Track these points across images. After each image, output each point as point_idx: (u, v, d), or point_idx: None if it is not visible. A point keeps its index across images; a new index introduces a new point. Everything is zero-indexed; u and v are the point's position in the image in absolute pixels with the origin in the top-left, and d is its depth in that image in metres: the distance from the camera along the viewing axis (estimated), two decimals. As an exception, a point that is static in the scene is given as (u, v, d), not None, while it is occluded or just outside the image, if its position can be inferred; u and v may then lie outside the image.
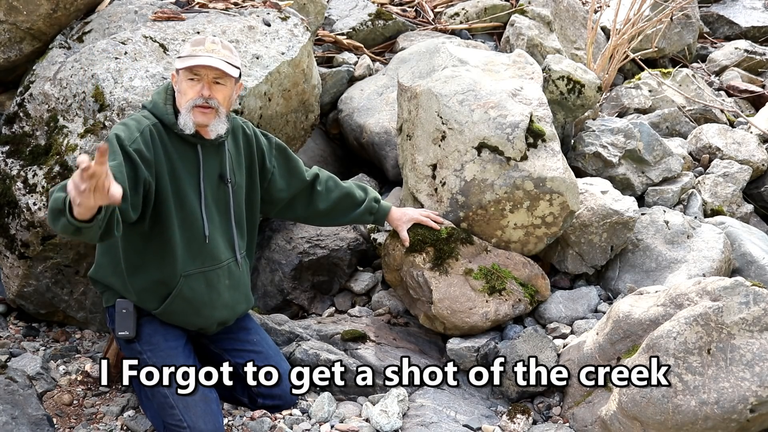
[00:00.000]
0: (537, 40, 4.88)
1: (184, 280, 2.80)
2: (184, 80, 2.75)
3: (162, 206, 2.73)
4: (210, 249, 2.84)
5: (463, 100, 3.54)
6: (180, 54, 2.78)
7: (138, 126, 2.71)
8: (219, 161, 2.87)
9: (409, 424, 3.04)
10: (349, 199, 3.31)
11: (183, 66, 2.74)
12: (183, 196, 2.78)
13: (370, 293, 3.79)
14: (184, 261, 2.79)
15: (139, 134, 2.67)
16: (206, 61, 2.72)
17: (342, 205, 3.30)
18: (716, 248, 3.66)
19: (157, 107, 2.79)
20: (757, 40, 6.45)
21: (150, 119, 2.76)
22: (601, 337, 3.10)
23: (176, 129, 2.76)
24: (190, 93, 2.74)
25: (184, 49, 2.77)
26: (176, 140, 2.78)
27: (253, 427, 3.04)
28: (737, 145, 4.56)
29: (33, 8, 3.65)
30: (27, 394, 2.90)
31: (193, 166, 2.81)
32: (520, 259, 3.53)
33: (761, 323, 2.74)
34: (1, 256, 3.54)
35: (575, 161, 4.18)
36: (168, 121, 2.76)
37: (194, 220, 2.81)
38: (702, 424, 2.66)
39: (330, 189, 3.28)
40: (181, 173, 2.77)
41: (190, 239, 2.80)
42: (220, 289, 2.89)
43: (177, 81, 2.79)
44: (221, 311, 2.92)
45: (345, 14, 5.26)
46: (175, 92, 2.81)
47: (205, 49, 2.74)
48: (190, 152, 2.80)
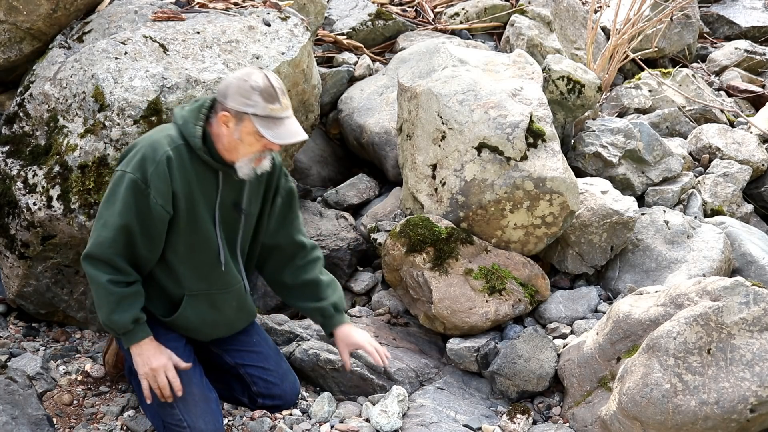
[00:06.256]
0: (537, 40, 4.88)
1: (188, 299, 2.81)
2: (251, 134, 2.62)
3: (173, 227, 2.71)
4: (222, 274, 2.84)
5: (463, 100, 3.54)
6: (249, 102, 2.59)
7: (153, 157, 2.62)
8: (238, 189, 2.80)
9: (409, 424, 3.04)
10: (314, 290, 3.03)
11: (266, 135, 2.60)
12: (197, 219, 2.73)
13: (370, 293, 3.79)
14: (190, 281, 2.78)
15: (157, 179, 2.61)
16: (294, 138, 2.63)
17: (304, 291, 3.03)
18: (716, 248, 3.66)
19: (187, 127, 2.69)
20: (757, 40, 6.45)
21: (173, 142, 2.67)
22: (601, 337, 3.10)
23: (200, 153, 2.68)
24: (256, 146, 2.64)
25: (254, 100, 2.59)
26: (197, 163, 2.70)
27: (253, 427, 3.04)
28: (737, 145, 4.56)
29: (33, 8, 3.65)
30: (27, 394, 2.90)
31: (212, 190, 2.75)
32: (520, 259, 3.53)
33: (761, 323, 2.74)
34: (1, 256, 3.54)
35: (575, 161, 4.18)
36: (194, 145, 2.67)
37: (207, 244, 2.77)
38: (702, 424, 2.66)
39: (306, 269, 3.03)
40: (197, 196, 2.71)
41: (199, 263, 2.79)
42: (226, 310, 2.91)
43: (231, 122, 2.63)
44: (221, 329, 2.96)
45: (345, 14, 5.26)
46: (222, 131, 2.66)
47: (282, 107, 2.62)
48: (210, 176, 2.73)
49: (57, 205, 3.29)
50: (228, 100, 2.63)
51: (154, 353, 2.72)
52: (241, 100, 2.61)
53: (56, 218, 3.29)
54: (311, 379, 3.32)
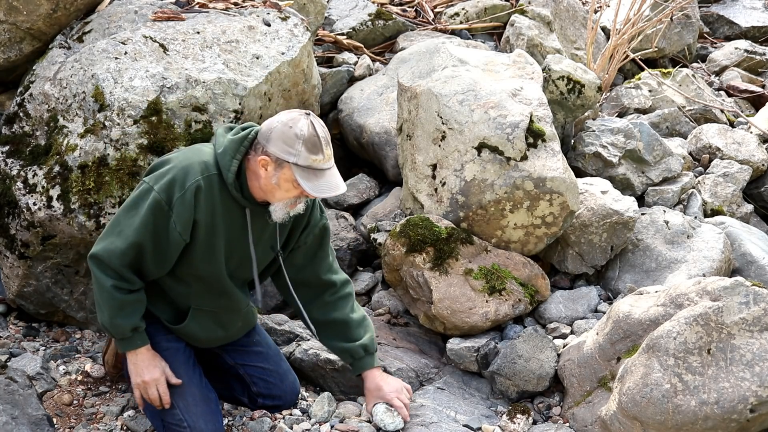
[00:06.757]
0: (537, 40, 4.88)
1: (194, 312, 2.82)
2: (289, 182, 2.59)
3: (189, 251, 2.69)
4: (232, 300, 2.85)
5: (463, 100, 3.54)
6: (292, 150, 2.54)
7: (183, 184, 2.59)
8: (268, 226, 2.76)
9: (409, 424, 3.04)
10: (344, 330, 2.98)
11: (305, 186, 2.56)
12: (213, 250, 2.70)
13: (370, 293, 3.79)
14: (198, 298, 2.79)
15: (181, 206, 2.58)
16: (334, 192, 2.61)
17: (333, 329, 2.98)
18: (716, 248, 3.66)
19: (224, 159, 2.63)
20: (757, 40, 6.44)
21: (207, 170, 2.62)
22: (601, 337, 3.10)
23: (230, 189, 2.64)
24: (293, 193, 2.61)
25: (297, 149, 2.54)
26: (226, 196, 2.65)
27: (253, 427, 3.04)
28: (737, 145, 4.56)
29: (33, 8, 3.65)
30: (27, 394, 2.90)
31: (236, 225, 2.71)
32: (520, 259, 3.53)
33: (761, 323, 2.74)
34: (1, 256, 3.54)
35: (575, 161, 4.18)
36: (226, 178, 2.62)
37: (219, 276, 2.76)
38: (702, 424, 2.66)
39: (335, 307, 2.97)
40: (218, 229, 2.68)
41: (209, 287, 2.78)
42: (230, 328, 2.93)
43: (270, 167, 2.59)
44: (222, 341, 2.98)
45: (345, 14, 5.26)
46: (260, 173, 2.61)
47: (324, 158, 2.57)
48: (237, 211, 2.69)
49: (57, 205, 3.29)
50: (270, 144, 2.57)
51: (147, 365, 2.72)
52: (284, 147, 2.55)
53: (56, 218, 3.29)
54: (311, 379, 3.32)
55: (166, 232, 2.62)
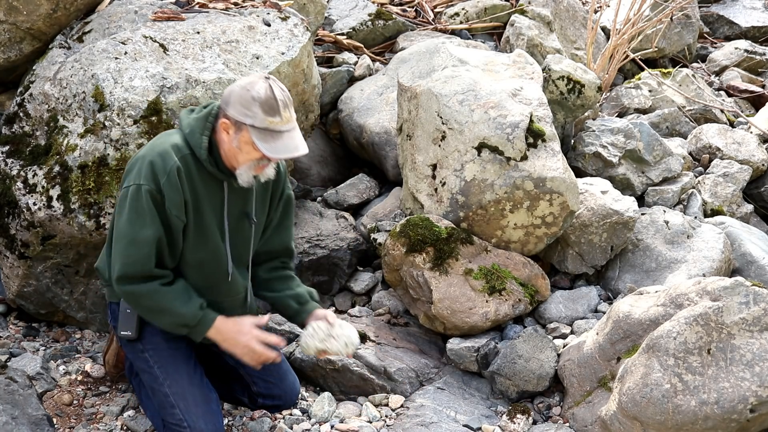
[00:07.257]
0: (537, 40, 4.88)
1: None
2: (249, 144, 2.59)
3: (183, 237, 2.69)
4: (229, 284, 2.84)
5: (463, 100, 3.54)
6: (248, 112, 2.56)
7: (164, 168, 2.60)
8: (244, 198, 2.79)
9: (409, 424, 3.04)
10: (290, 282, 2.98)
11: (261, 147, 2.57)
12: (205, 231, 2.72)
13: (370, 293, 3.79)
14: (198, 290, 2.78)
15: (170, 189, 2.59)
16: (292, 153, 2.60)
17: (279, 282, 2.99)
18: (716, 248, 3.66)
19: (193, 137, 2.66)
20: (757, 40, 6.45)
21: (180, 151, 2.65)
22: (601, 337, 3.10)
23: (206, 164, 2.66)
24: (253, 155, 2.61)
25: (253, 111, 2.55)
26: (203, 174, 2.68)
27: (253, 427, 3.04)
28: (737, 145, 4.56)
29: (33, 8, 3.65)
30: (27, 394, 2.90)
31: (218, 200, 2.74)
32: (520, 259, 3.53)
33: (761, 323, 2.74)
34: (1, 256, 3.54)
35: (575, 161, 4.18)
36: (200, 156, 2.65)
37: (215, 255, 2.76)
38: (702, 424, 2.66)
39: (285, 269, 3.00)
40: (204, 206, 2.70)
41: (207, 273, 2.78)
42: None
43: (231, 130, 2.61)
44: None
45: (345, 14, 5.26)
46: (223, 138, 2.64)
47: (282, 121, 2.58)
48: (216, 186, 2.72)
49: (57, 205, 3.29)
50: (229, 107, 2.61)
51: (235, 331, 2.71)
52: (241, 110, 2.58)
53: (56, 218, 3.29)
54: (311, 379, 3.32)
55: (167, 219, 2.64)
